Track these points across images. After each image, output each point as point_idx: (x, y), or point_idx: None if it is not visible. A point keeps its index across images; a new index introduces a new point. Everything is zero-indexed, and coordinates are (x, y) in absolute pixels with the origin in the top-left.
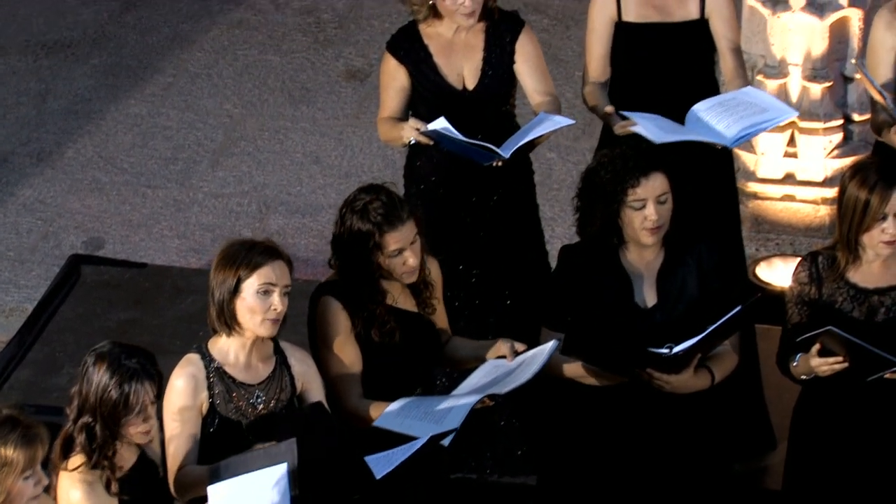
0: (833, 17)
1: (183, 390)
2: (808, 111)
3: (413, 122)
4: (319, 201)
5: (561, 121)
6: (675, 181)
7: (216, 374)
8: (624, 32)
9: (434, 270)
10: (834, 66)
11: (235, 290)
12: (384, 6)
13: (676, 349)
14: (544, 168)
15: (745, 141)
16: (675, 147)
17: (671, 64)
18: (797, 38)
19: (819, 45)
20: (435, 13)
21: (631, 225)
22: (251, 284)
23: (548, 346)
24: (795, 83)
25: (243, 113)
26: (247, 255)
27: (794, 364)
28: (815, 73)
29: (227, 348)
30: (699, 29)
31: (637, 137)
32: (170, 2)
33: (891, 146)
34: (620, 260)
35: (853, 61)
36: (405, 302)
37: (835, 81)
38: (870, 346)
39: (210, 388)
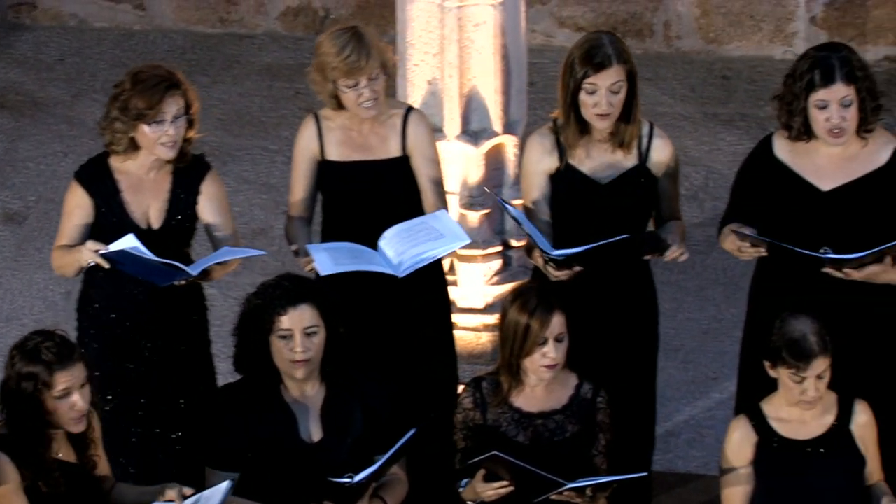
0: (488, 144)
1: None
2: None
3: (92, 245)
4: None
5: (250, 251)
6: (329, 314)
7: None
8: (328, 171)
9: (95, 424)
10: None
11: None
12: (40, 148)
13: (357, 478)
14: (206, 304)
15: (417, 268)
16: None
17: (377, 200)
18: (453, 166)
19: (475, 172)
20: (134, 146)
21: (280, 356)
22: None
23: (222, 487)
24: (453, 211)
25: None
26: None
27: (461, 489)
28: (472, 200)
29: None
30: (401, 165)
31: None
32: None
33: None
34: (282, 394)
35: (494, 195)
36: (67, 455)
37: (492, 208)
38: (534, 468)
39: None
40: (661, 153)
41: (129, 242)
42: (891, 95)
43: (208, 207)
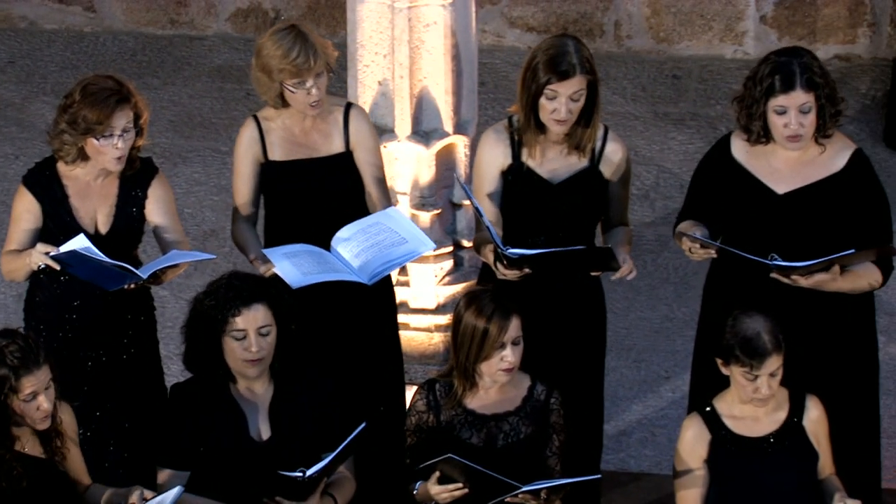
0: (439, 144)
1: None
2: None
3: (42, 247)
4: None
5: (199, 255)
6: (280, 312)
7: None
8: (272, 171)
9: (67, 418)
10: (442, 193)
11: None
12: None
13: (309, 472)
14: (158, 305)
15: (383, 276)
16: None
17: (322, 198)
18: (404, 167)
19: (426, 173)
20: (83, 156)
21: (233, 355)
22: None
23: (172, 493)
24: (404, 211)
25: None
26: None
27: (415, 492)
28: (423, 201)
29: None
30: (345, 161)
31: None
32: None
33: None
34: (232, 393)
35: (461, 178)
36: (33, 448)
37: (443, 209)
38: (489, 471)
39: None
40: (613, 156)
41: (80, 243)
42: (841, 94)
43: (156, 210)
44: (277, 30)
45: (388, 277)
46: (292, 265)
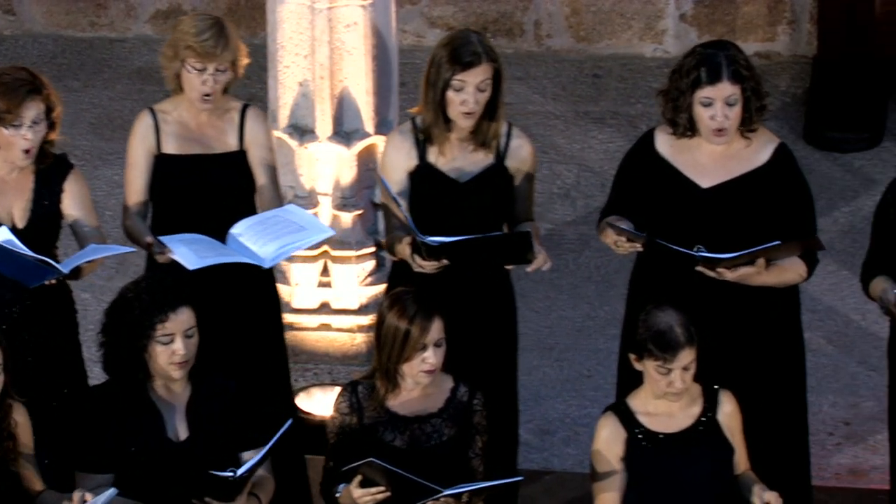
0: (360, 145)
1: None
2: (339, 240)
3: None
4: None
5: (119, 248)
6: (203, 314)
7: None
8: (164, 164)
9: (21, 420)
10: (363, 193)
11: None
12: None
13: (240, 471)
14: (80, 308)
15: (283, 259)
16: (215, 275)
17: (212, 194)
18: (325, 167)
19: (347, 173)
20: None
21: (157, 360)
22: None
23: (105, 495)
24: (326, 212)
25: None
26: None
27: (338, 495)
28: (344, 201)
29: None
30: (238, 159)
31: (165, 270)
32: None
33: (421, 272)
34: (150, 395)
35: (378, 173)
36: None
37: (365, 209)
38: (410, 475)
39: None
40: (518, 152)
41: (2, 235)
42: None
43: (72, 204)
44: (203, 13)
45: (273, 277)
46: (190, 251)
